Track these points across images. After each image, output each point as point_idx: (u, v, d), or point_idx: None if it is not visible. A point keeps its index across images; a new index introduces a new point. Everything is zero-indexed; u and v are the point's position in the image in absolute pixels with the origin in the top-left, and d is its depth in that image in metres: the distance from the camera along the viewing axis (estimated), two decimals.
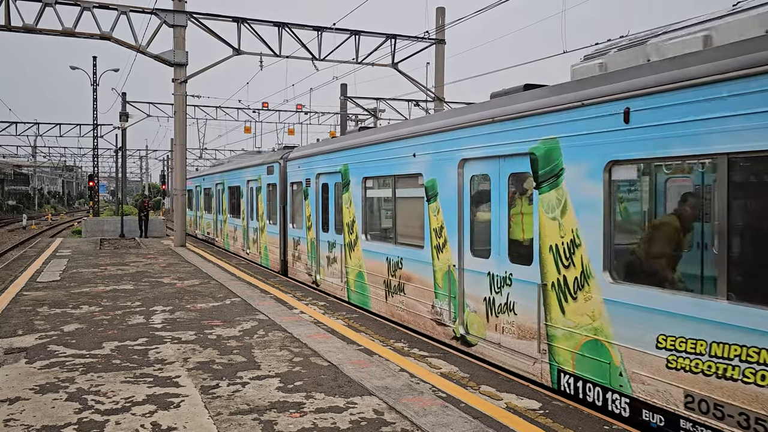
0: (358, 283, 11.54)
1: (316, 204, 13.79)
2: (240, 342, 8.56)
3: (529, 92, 7.29)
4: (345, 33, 24.15)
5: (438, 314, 8.81)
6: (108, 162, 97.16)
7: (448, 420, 5.62)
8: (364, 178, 11.31)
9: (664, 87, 5.41)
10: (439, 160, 8.78)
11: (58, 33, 20.84)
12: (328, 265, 13.22)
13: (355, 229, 11.61)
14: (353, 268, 11.77)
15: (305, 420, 5.62)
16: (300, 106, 40.61)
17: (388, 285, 10.33)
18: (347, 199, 11.94)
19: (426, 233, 9.07)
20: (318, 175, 13.75)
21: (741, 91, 4.85)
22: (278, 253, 16.79)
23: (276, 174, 16.85)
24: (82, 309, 10.94)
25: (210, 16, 22.46)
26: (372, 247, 11.02)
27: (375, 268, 10.81)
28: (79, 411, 5.83)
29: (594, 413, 5.84)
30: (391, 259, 10.23)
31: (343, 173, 12.19)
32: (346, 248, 12.08)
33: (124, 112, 33.81)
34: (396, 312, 10.06)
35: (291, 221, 15.95)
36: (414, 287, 9.48)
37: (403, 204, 10.20)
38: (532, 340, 6.98)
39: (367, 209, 11.43)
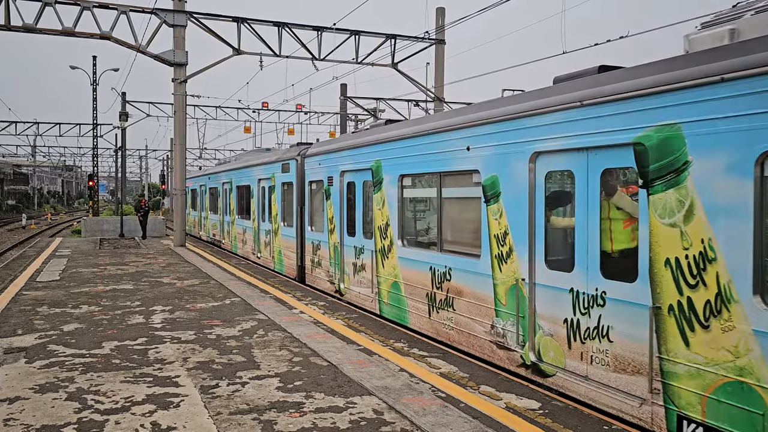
0: (393, 294, 10.20)
1: (341, 205, 12.42)
2: (240, 342, 8.56)
3: (631, 69, 5.99)
4: (345, 33, 24.15)
5: (499, 336, 7.51)
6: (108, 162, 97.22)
7: (448, 420, 5.63)
8: (401, 176, 9.99)
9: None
10: (502, 154, 7.46)
11: (58, 33, 20.83)
12: (354, 273, 11.84)
13: (389, 233, 10.29)
14: (386, 277, 10.42)
15: (305, 420, 5.62)
16: (300, 106, 40.63)
17: (432, 299, 8.98)
18: (379, 200, 10.62)
19: (484, 240, 7.81)
20: (343, 172, 12.37)
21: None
22: (294, 259, 15.44)
23: (292, 172, 15.54)
24: (81, 309, 10.94)
25: (210, 16, 22.46)
26: (410, 254, 9.67)
27: (414, 278, 9.47)
28: (79, 410, 5.83)
29: (593, 413, 5.85)
30: (435, 269, 8.88)
31: (374, 170, 10.84)
32: (378, 255, 10.74)
33: (123, 112, 33.81)
34: (442, 330, 8.75)
35: (309, 224, 14.61)
36: (467, 303, 8.17)
37: (452, 205, 8.93)
38: (638, 376, 5.64)
39: (404, 211, 10.14)
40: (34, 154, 79.11)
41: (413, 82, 26.08)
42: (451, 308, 8.55)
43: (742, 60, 4.81)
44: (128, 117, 33.22)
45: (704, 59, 5.17)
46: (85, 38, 21.30)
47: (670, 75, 5.39)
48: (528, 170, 7.06)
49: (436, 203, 9.08)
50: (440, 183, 8.96)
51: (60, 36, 21.10)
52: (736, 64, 4.86)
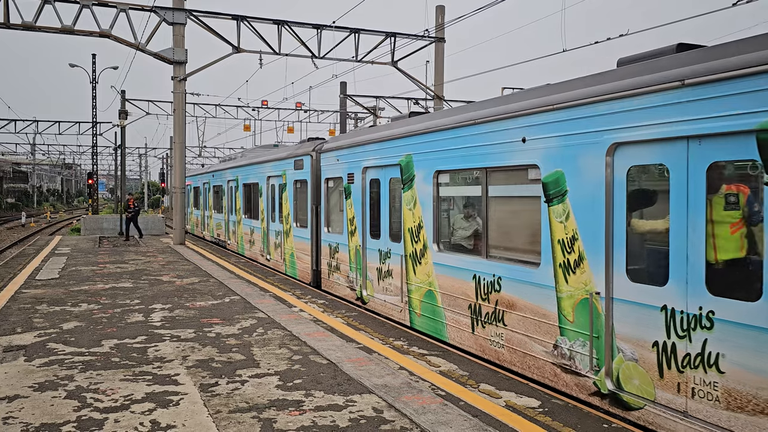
0: (427, 305, 9.15)
1: (363, 204, 11.40)
2: (239, 340, 8.55)
3: (738, 43, 5.14)
4: (345, 31, 24.14)
5: (565, 358, 6.49)
6: (107, 160, 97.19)
7: (448, 418, 5.62)
8: (437, 172, 8.95)
9: None
10: (570, 146, 6.45)
11: (57, 30, 20.81)
12: (379, 279, 10.80)
13: (423, 236, 9.26)
14: (419, 285, 9.39)
15: (304, 418, 5.62)
16: (299, 104, 40.60)
17: (476, 311, 7.98)
18: (410, 199, 9.61)
19: (544, 246, 6.79)
20: (365, 169, 11.33)
21: None
22: (309, 262, 14.37)
23: (307, 169, 14.45)
24: (81, 307, 10.94)
25: (209, 14, 22.43)
26: (449, 260, 8.64)
27: (454, 287, 8.46)
28: (78, 409, 5.83)
29: (593, 411, 5.85)
30: (481, 278, 7.86)
31: (403, 166, 9.80)
32: (409, 260, 9.69)
33: (123, 110, 33.80)
34: (489, 348, 7.74)
35: (326, 224, 13.49)
36: (521, 318, 7.16)
37: (501, 206, 7.96)
38: (764, 417, 4.74)
39: (440, 212, 9.11)
40: (33, 152, 79.12)
41: (413, 80, 26.07)
42: (500, 323, 7.50)
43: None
44: (128, 115, 33.20)
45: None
46: (85, 36, 21.28)
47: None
48: (605, 165, 6.04)
49: (481, 203, 8.06)
50: (486, 180, 7.93)
51: (59, 34, 21.08)
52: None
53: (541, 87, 7.23)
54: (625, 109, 5.84)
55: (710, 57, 5.19)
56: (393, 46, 24.93)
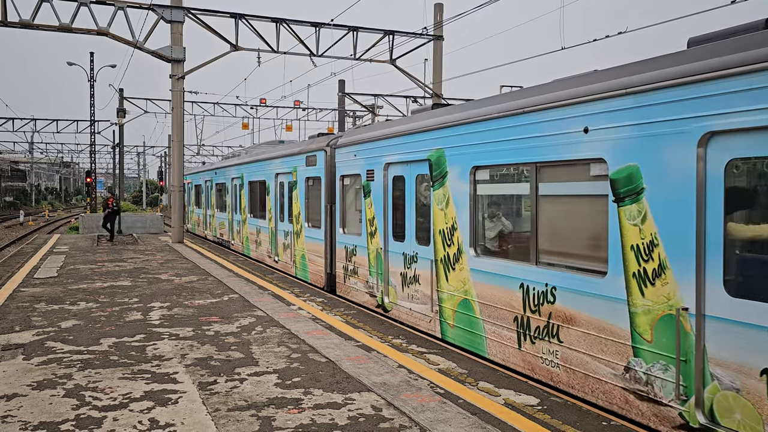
0: (463, 316, 8.25)
1: (384, 204, 10.50)
2: (238, 338, 8.55)
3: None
4: (343, 29, 24.12)
5: (640, 383, 5.59)
6: (105, 158, 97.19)
7: (447, 416, 5.63)
8: (475, 168, 8.05)
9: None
10: (647, 137, 5.60)
11: (55, 28, 20.77)
12: (403, 285, 9.87)
13: (457, 239, 8.35)
14: (452, 293, 8.50)
15: (303, 416, 5.62)
16: (298, 102, 40.63)
17: (524, 325, 7.07)
18: (441, 198, 8.73)
19: (613, 252, 5.91)
20: (387, 165, 10.39)
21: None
22: (323, 265, 13.41)
23: (320, 165, 13.51)
24: (79, 305, 10.93)
25: (207, 12, 22.40)
26: (489, 266, 7.73)
27: (496, 297, 7.57)
28: (77, 407, 5.83)
29: (592, 409, 5.85)
30: (529, 288, 6.96)
31: (433, 162, 8.91)
32: (440, 266, 8.79)
33: (121, 108, 33.76)
34: (540, 366, 6.80)
35: (341, 225, 12.56)
36: (583, 334, 6.23)
37: (555, 205, 6.97)
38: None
39: (477, 212, 8.17)
40: (31, 151, 79.00)
41: (411, 78, 26.06)
42: (555, 339, 6.60)
43: None
44: (126, 113, 33.17)
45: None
46: (83, 34, 21.24)
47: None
48: (696, 157, 5.15)
49: (530, 202, 7.18)
50: (536, 176, 7.01)
51: (57, 32, 21.04)
52: None
53: (610, 69, 6.31)
54: (723, 91, 4.96)
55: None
56: (391, 44, 24.92)
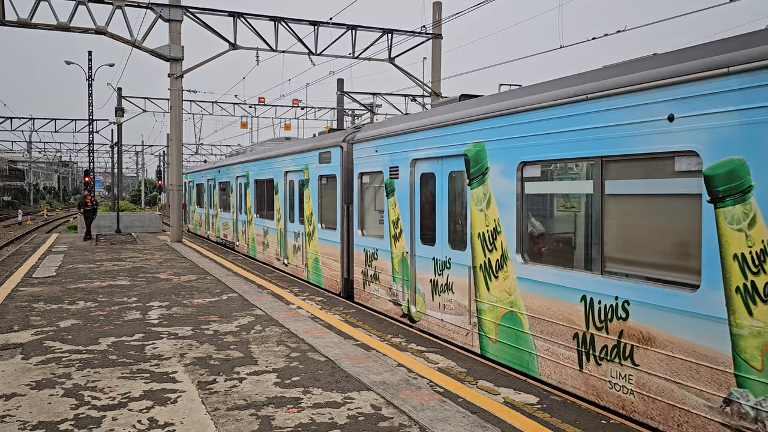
0: (508, 330, 7.32)
1: (411, 203, 9.60)
2: (237, 337, 8.54)
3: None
4: (341, 28, 24.10)
5: (748, 419, 4.74)
6: (104, 157, 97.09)
7: (446, 415, 5.62)
8: (523, 164, 7.17)
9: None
10: (759, 125, 4.73)
11: (53, 27, 20.73)
12: (433, 293, 8.98)
13: (500, 244, 7.46)
14: (494, 304, 7.59)
15: (302, 415, 5.61)
16: (296, 101, 40.61)
17: (587, 343, 6.15)
18: (481, 197, 7.84)
19: (708, 262, 5.05)
20: (415, 161, 9.51)
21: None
22: (339, 269, 12.53)
23: (335, 162, 12.66)
24: (78, 305, 10.91)
25: (206, 11, 22.37)
26: (540, 275, 6.81)
27: (550, 310, 6.65)
28: (76, 407, 5.82)
29: (591, 407, 5.85)
30: (594, 301, 6.06)
31: (471, 157, 8.02)
32: (479, 273, 7.88)
33: (119, 107, 33.73)
34: (608, 392, 5.90)
35: (360, 226, 11.63)
36: (666, 358, 5.38)
37: (627, 206, 6.02)
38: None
39: (526, 213, 7.27)
40: (29, 150, 78.91)
41: (410, 77, 26.06)
42: (627, 361, 5.72)
43: None
44: (124, 112, 33.13)
45: None
46: (81, 33, 21.21)
47: None
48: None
49: (593, 202, 6.27)
50: (603, 173, 6.11)
51: (55, 31, 21.01)
52: None
53: (701, 45, 5.43)
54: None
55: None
56: (390, 42, 24.90)
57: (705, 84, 5.08)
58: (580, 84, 6.37)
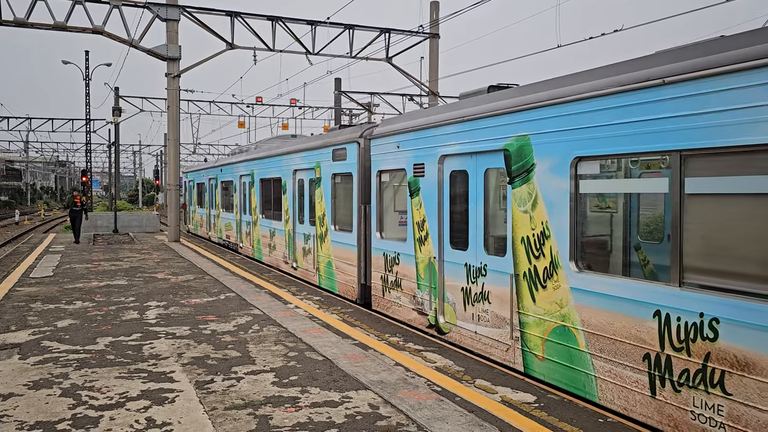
0: (559, 347, 6.50)
1: (440, 204, 8.84)
2: (235, 337, 8.54)
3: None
4: (339, 27, 24.09)
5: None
6: (101, 157, 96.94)
7: (444, 414, 5.63)
8: (578, 159, 6.34)
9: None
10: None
11: (50, 27, 20.69)
12: (466, 303, 8.22)
13: (550, 249, 6.64)
14: (542, 317, 6.74)
15: (300, 414, 5.62)
16: (294, 100, 40.57)
17: (662, 366, 5.35)
18: (525, 197, 7.02)
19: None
20: (444, 157, 8.74)
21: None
22: (355, 274, 11.78)
23: (351, 159, 11.92)
24: (75, 305, 10.90)
25: (203, 10, 22.35)
26: (601, 285, 5.98)
27: (613, 326, 5.82)
28: (73, 406, 5.81)
29: (588, 406, 5.86)
30: (671, 317, 5.26)
31: (513, 153, 7.20)
32: (522, 281, 7.06)
33: (116, 107, 33.68)
34: (691, 423, 5.15)
35: (378, 228, 10.89)
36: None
37: (714, 207, 5.20)
38: None
39: (581, 215, 6.48)
40: (26, 150, 78.76)
41: (408, 77, 26.05)
42: (717, 389, 4.91)
43: None
44: (121, 112, 33.09)
45: None
46: (78, 33, 21.17)
47: None
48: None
49: (669, 203, 5.56)
50: (681, 168, 5.29)
51: (52, 30, 20.96)
52: None
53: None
54: None
55: None
56: (387, 42, 24.90)
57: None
58: (651, 68, 5.54)
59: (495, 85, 8.59)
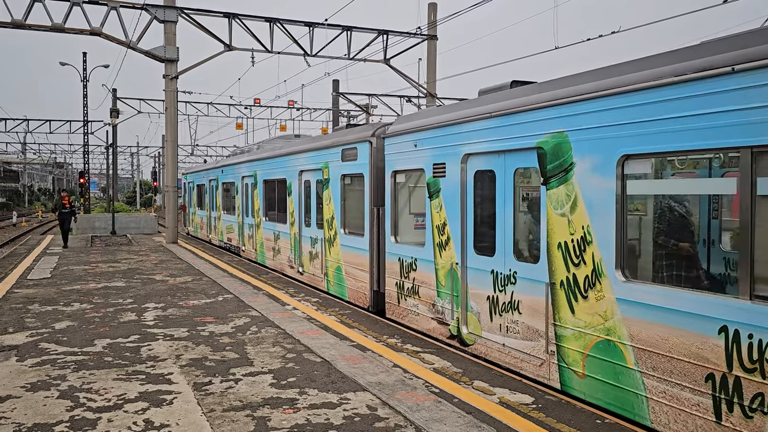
0: (602, 363, 5.92)
1: (462, 206, 8.27)
2: (233, 338, 8.54)
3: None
4: (337, 29, 24.11)
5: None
6: (99, 159, 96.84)
7: (442, 415, 5.64)
8: (626, 158, 5.75)
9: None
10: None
11: (48, 28, 20.67)
12: (492, 313, 7.63)
13: (591, 257, 6.06)
14: (583, 330, 6.16)
15: (298, 416, 5.62)
16: (292, 102, 40.57)
17: (730, 389, 4.78)
18: (561, 199, 6.45)
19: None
20: (467, 156, 8.16)
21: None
22: (367, 280, 11.22)
23: (363, 159, 11.36)
24: (73, 306, 10.89)
25: (201, 12, 22.35)
26: (653, 297, 5.41)
27: (668, 342, 5.26)
28: (71, 408, 5.81)
29: (586, 407, 5.87)
30: (741, 335, 4.69)
31: (548, 150, 6.61)
32: (559, 291, 6.49)
33: (114, 109, 33.66)
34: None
35: (393, 232, 10.29)
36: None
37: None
38: None
39: (628, 219, 5.89)
40: (24, 151, 78.64)
41: (405, 78, 26.09)
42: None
43: None
44: (119, 113, 33.06)
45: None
46: (75, 34, 21.16)
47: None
48: None
49: (735, 206, 5.11)
50: (753, 167, 4.71)
51: (49, 32, 20.95)
52: None
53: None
54: None
55: None
56: (385, 43, 24.92)
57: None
58: (711, 55, 4.98)
59: (518, 81, 8.10)
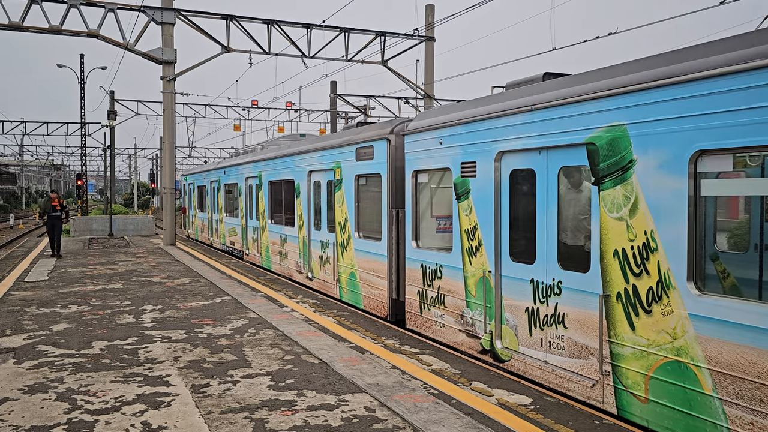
0: (673, 388, 5.24)
1: (496, 208, 7.56)
2: (231, 340, 8.53)
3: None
4: (334, 30, 24.12)
5: None
6: (96, 161, 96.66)
7: (440, 416, 5.63)
8: (699, 154, 5.07)
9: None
10: None
11: (45, 30, 20.66)
12: (532, 326, 6.95)
13: (655, 266, 5.39)
14: (645, 349, 5.49)
15: (297, 418, 5.61)
16: (289, 103, 40.54)
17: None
18: (617, 201, 5.79)
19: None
20: (502, 154, 7.44)
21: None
22: (385, 288, 10.51)
23: (380, 159, 10.61)
24: (70, 308, 10.87)
25: (198, 14, 22.35)
26: (736, 314, 4.74)
27: (756, 367, 4.60)
28: (69, 411, 5.79)
29: (585, 408, 5.87)
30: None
31: (601, 147, 5.93)
32: (615, 304, 5.80)
33: (112, 111, 33.63)
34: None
35: (414, 236, 9.56)
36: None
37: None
38: None
39: (704, 225, 5.19)
40: (21, 153, 78.56)
41: (403, 80, 26.11)
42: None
43: None
44: (116, 115, 33.03)
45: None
46: (73, 36, 21.14)
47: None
48: None
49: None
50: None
51: (47, 34, 20.93)
52: None
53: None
54: None
55: None
56: (383, 45, 24.94)
57: None
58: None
59: (551, 72, 7.57)
